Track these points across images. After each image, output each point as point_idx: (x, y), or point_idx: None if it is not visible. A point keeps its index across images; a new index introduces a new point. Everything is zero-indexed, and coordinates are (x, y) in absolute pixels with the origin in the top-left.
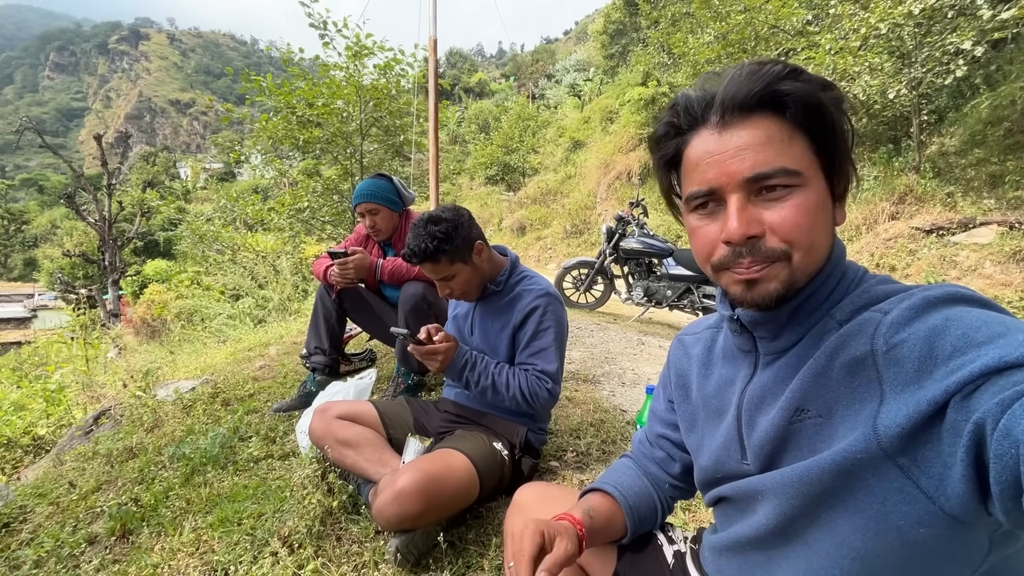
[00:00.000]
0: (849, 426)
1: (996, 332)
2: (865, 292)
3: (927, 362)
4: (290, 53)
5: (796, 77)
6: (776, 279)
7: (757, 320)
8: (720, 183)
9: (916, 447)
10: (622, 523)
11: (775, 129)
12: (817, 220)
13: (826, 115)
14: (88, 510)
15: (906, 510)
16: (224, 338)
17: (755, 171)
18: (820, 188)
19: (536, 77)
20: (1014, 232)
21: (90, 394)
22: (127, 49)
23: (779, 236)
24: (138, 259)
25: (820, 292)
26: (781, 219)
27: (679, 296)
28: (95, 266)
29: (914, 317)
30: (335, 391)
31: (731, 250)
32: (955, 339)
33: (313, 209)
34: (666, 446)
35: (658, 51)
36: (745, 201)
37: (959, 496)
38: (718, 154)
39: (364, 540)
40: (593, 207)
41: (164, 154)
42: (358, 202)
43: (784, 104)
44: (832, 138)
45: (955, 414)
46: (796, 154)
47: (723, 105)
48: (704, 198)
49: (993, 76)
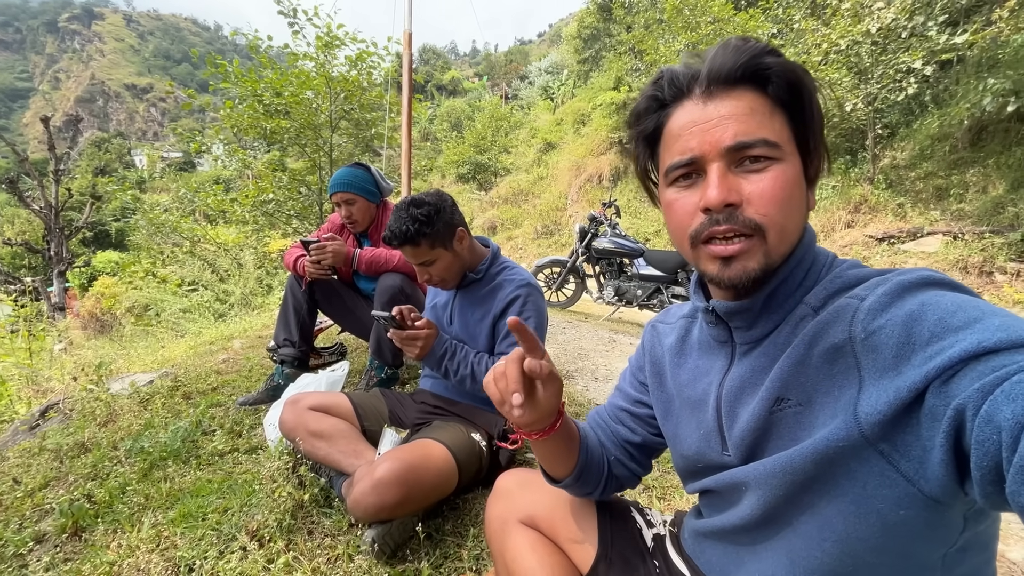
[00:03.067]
0: (829, 413)
1: (972, 316)
2: (837, 277)
3: (905, 348)
4: (257, 40)
5: (777, 55)
6: (754, 257)
7: (732, 309)
8: (703, 151)
9: (896, 433)
10: (576, 449)
11: (757, 102)
12: (792, 196)
13: (804, 94)
14: (35, 507)
15: (886, 493)
16: (182, 332)
17: (737, 139)
18: (796, 166)
19: (510, 78)
20: (957, 242)
21: (35, 388)
22: (79, 28)
23: (755, 207)
24: (87, 250)
25: (793, 277)
26: (760, 190)
27: (649, 296)
28: (39, 256)
29: (890, 303)
30: (306, 383)
31: (708, 218)
32: (932, 324)
33: (279, 202)
34: (626, 419)
35: (630, 56)
36: (725, 170)
37: (938, 479)
38: (703, 123)
39: (337, 533)
40: (564, 208)
41: (118, 140)
42: (334, 191)
43: (767, 79)
44: (809, 118)
45: (934, 399)
46: (776, 128)
47: (709, 76)
48: (685, 168)
49: (940, 96)
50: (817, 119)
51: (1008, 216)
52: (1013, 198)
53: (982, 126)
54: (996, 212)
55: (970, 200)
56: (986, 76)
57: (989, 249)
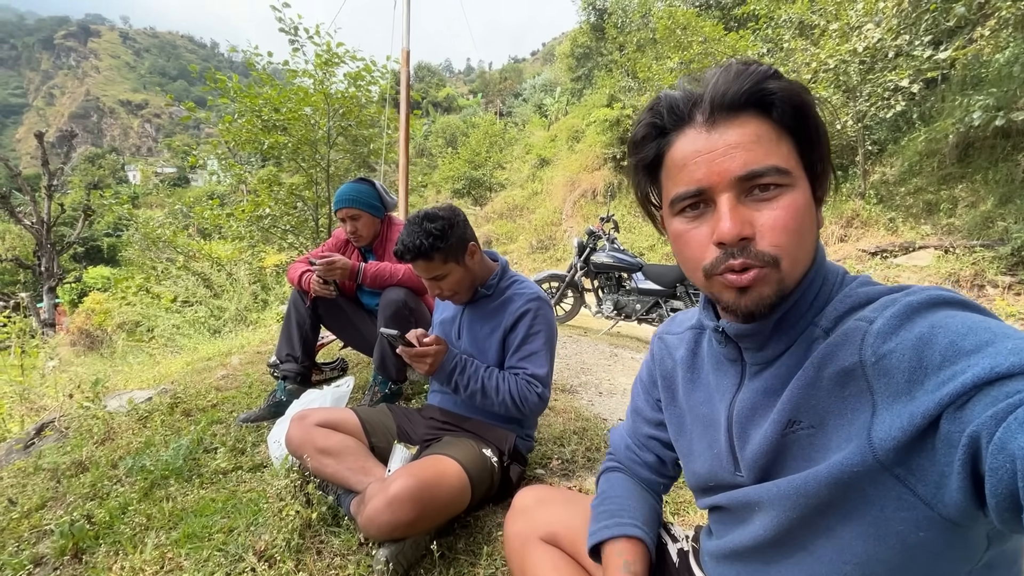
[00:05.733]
0: (843, 436)
1: (983, 339)
2: (848, 296)
3: (917, 372)
4: (257, 55)
5: (780, 78)
6: (768, 285)
7: (743, 332)
8: (711, 182)
9: (912, 457)
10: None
11: (763, 128)
12: (804, 223)
13: (809, 116)
14: (33, 529)
15: (905, 516)
16: (177, 348)
17: (747, 169)
18: (806, 190)
19: (504, 95)
20: (949, 256)
21: (28, 406)
22: (75, 45)
23: (769, 240)
24: (78, 266)
25: (805, 299)
26: (772, 221)
27: (648, 310)
28: (29, 272)
29: (900, 325)
30: (311, 399)
31: (722, 252)
32: (943, 348)
33: (274, 217)
34: (655, 447)
35: (623, 75)
36: (736, 201)
37: (956, 504)
38: (707, 152)
39: (347, 553)
40: (559, 223)
41: (112, 156)
42: (339, 206)
43: (771, 104)
44: (816, 140)
45: (949, 425)
46: (784, 153)
47: (712, 103)
48: (692, 199)
49: (927, 113)
50: (823, 140)
51: (997, 230)
52: (1001, 212)
53: (969, 142)
54: (986, 226)
55: (959, 215)
56: (971, 93)
57: (980, 263)
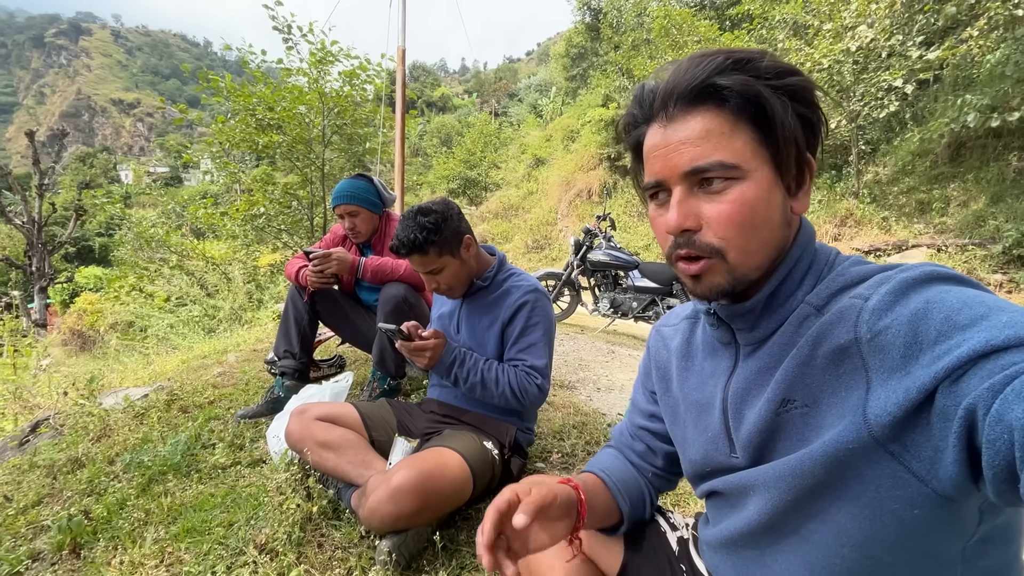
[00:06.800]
0: (836, 415)
1: (979, 313)
2: (840, 275)
3: (912, 347)
4: (251, 53)
5: (741, 67)
6: (719, 274)
7: (733, 312)
8: (664, 175)
9: (906, 433)
10: (614, 505)
11: (715, 122)
12: (756, 214)
13: (766, 107)
14: (29, 525)
15: (899, 494)
16: (171, 347)
17: (692, 165)
18: (764, 180)
19: (499, 95)
20: (941, 254)
21: (22, 403)
22: (66, 44)
23: (713, 231)
24: (70, 266)
25: (792, 277)
26: (717, 214)
27: (644, 308)
28: (20, 272)
29: (895, 301)
30: (310, 394)
31: (674, 240)
32: (939, 323)
33: (269, 216)
34: (646, 438)
35: (618, 74)
36: (686, 193)
37: (951, 478)
38: (663, 147)
39: (349, 545)
40: (554, 223)
41: (104, 155)
42: (338, 203)
43: (725, 96)
44: (779, 128)
45: (944, 399)
46: (736, 147)
47: (665, 98)
48: (655, 189)
49: (919, 113)
50: (787, 127)
51: (989, 229)
52: (993, 211)
53: (960, 142)
54: (977, 225)
55: (952, 213)
56: (963, 94)
57: (972, 261)
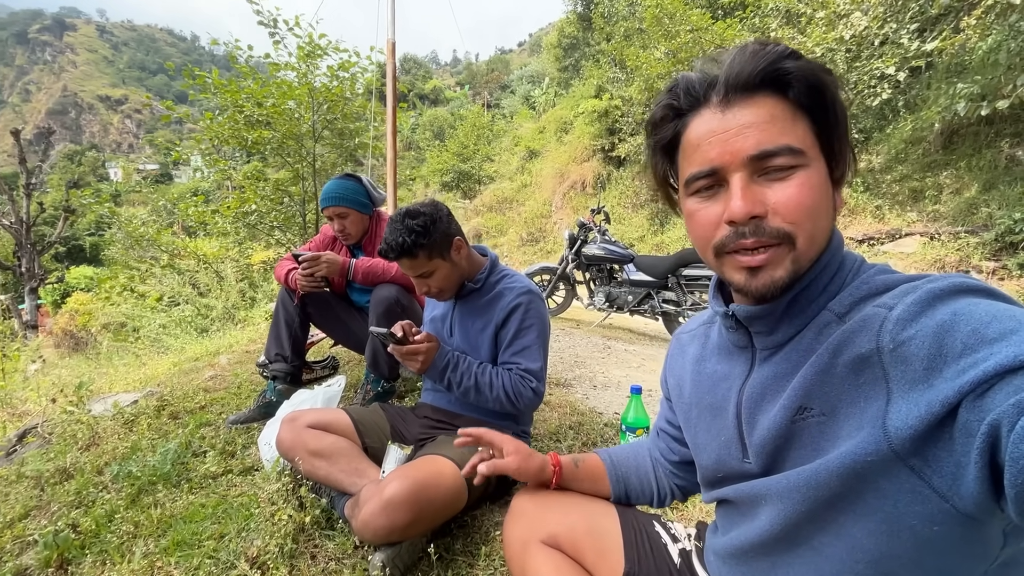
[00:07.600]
0: (854, 425)
1: (1007, 328)
2: (864, 283)
3: (936, 360)
4: (239, 48)
5: (797, 58)
6: (781, 265)
7: (753, 314)
8: (723, 162)
9: (928, 447)
10: (606, 484)
11: (778, 108)
12: (820, 201)
13: (827, 96)
14: (15, 539)
15: (919, 510)
16: (164, 348)
17: (760, 148)
18: (822, 170)
19: (491, 87)
20: (934, 242)
21: (10, 411)
22: (50, 40)
23: (782, 216)
24: (60, 265)
25: (818, 282)
26: (786, 198)
27: (639, 301)
28: (10, 273)
29: (920, 312)
30: (302, 399)
31: (733, 230)
32: (965, 335)
33: (261, 213)
34: (666, 439)
35: (611, 65)
36: (748, 180)
37: (973, 496)
38: (721, 132)
39: (342, 557)
40: (549, 216)
41: (92, 153)
42: (326, 205)
43: (787, 83)
44: (833, 120)
45: (968, 414)
46: (799, 134)
47: (727, 84)
48: (706, 179)
49: (912, 101)
50: (841, 120)
51: (982, 216)
52: (985, 199)
53: (953, 130)
54: (970, 213)
55: (945, 201)
56: (955, 81)
57: (965, 249)
